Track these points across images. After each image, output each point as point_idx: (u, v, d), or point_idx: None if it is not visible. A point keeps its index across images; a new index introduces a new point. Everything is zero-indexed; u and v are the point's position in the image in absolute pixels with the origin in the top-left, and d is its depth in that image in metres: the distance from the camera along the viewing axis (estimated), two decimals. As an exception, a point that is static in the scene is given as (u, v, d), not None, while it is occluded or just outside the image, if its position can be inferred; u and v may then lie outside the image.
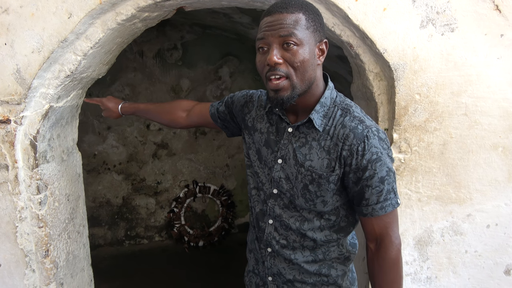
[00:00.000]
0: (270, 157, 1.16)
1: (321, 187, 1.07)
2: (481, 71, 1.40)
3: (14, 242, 1.48)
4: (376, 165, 1.02)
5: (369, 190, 1.04)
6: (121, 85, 3.71)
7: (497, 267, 1.53)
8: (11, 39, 1.35)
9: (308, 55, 1.00)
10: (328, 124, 1.08)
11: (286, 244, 1.16)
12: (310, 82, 1.05)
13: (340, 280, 1.19)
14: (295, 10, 1.00)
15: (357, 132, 1.03)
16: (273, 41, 0.99)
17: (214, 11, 2.67)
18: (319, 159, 1.07)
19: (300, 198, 1.11)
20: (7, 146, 1.42)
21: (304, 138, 1.10)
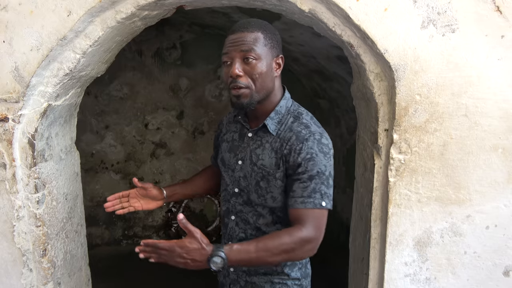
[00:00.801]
0: (232, 160, 1.33)
1: (269, 183, 1.23)
2: (481, 72, 1.39)
3: (12, 241, 1.47)
4: (308, 163, 1.16)
5: (296, 184, 1.17)
6: (119, 84, 3.69)
7: (496, 268, 1.53)
8: (9, 36, 1.34)
9: (266, 68, 1.19)
10: (280, 129, 1.25)
11: (244, 237, 1.31)
12: (268, 91, 1.23)
13: (288, 270, 1.32)
14: (255, 29, 1.18)
15: (300, 135, 1.20)
16: (235, 56, 1.17)
17: (214, 11, 2.66)
18: (269, 158, 1.23)
19: (253, 194, 1.27)
20: (5, 145, 1.41)
21: (259, 141, 1.27)
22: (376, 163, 1.54)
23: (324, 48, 2.64)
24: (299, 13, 1.48)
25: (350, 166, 3.33)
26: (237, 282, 1.39)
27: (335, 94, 3.39)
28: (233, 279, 1.40)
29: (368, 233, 1.62)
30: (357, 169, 1.84)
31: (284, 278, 1.33)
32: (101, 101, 3.69)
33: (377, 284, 1.60)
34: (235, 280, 1.40)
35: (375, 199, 1.56)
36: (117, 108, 3.74)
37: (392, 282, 1.54)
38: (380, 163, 1.53)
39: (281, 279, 1.33)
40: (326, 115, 3.81)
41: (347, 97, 3.10)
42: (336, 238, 3.64)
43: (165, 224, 3.93)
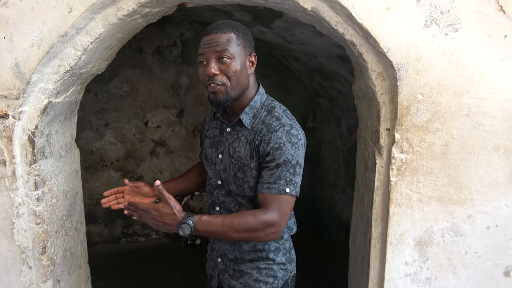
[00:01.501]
0: (214, 155, 1.42)
1: (245, 173, 1.30)
2: (484, 72, 1.39)
3: (11, 239, 1.47)
4: (276, 152, 1.23)
5: (265, 171, 1.25)
6: (119, 82, 3.69)
7: (496, 268, 1.53)
8: (10, 32, 1.33)
9: (240, 67, 1.26)
10: (255, 123, 1.32)
11: None
12: (243, 88, 1.30)
13: (273, 255, 1.40)
14: (228, 30, 1.25)
15: (270, 127, 1.27)
16: (211, 56, 1.24)
17: (215, 9, 2.65)
18: (244, 150, 1.30)
19: (232, 185, 1.34)
20: (5, 141, 1.40)
21: (236, 134, 1.35)
22: (377, 162, 1.53)
23: (325, 47, 2.63)
24: (302, 11, 1.47)
25: (350, 165, 3.33)
26: (225, 271, 1.45)
27: (336, 93, 3.38)
28: (221, 269, 1.46)
29: (369, 233, 1.61)
30: (358, 168, 1.83)
31: (270, 263, 1.40)
32: (101, 98, 3.68)
33: (378, 283, 1.60)
34: (223, 270, 1.46)
35: (376, 199, 1.56)
36: (117, 105, 3.73)
37: (393, 282, 1.54)
38: (382, 162, 1.53)
39: (267, 264, 1.40)
40: (327, 114, 3.80)
41: (347, 96, 3.09)
42: (336, 238, 3.64)
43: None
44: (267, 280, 1.40)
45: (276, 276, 1.41)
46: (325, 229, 3.88)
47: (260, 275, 1.39)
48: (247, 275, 1.40)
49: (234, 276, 1.42)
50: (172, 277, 3.20)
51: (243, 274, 1.41)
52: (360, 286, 1.75)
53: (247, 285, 1.39)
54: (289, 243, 1.47)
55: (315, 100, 3.96)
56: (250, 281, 1.39)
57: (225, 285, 1.46)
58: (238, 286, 1.41)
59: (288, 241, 1.46)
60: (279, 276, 1.41)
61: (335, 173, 3.68)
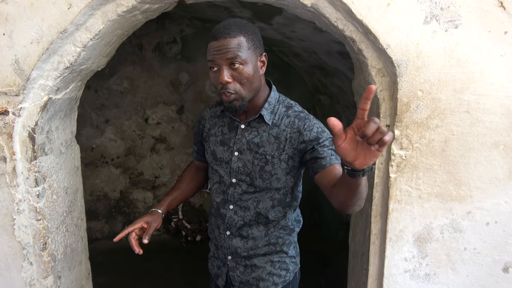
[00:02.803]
0: (226, 153, 1.39)
1: (274, 166, 1.31)
2: (484, 68, 1.39)
3: (12, 235, 1.47)
4: (323, 134, 1.27)
5: (324, 149, 1.24)
6: (119, 78, 3.68)
7: (495, 264, 1.54)
8: (9, 29, 1.33)
9: (252, 71, 1.23)
10: (275, 118, 1.33)
11: (243, 223, 1.39)
12: (256, 90, 1.29)
13: (286, 248, 1.43)
14: (237, 34, 1.20)
15: (300, 116, 1.31)
16: (222, 63, 1.20)
17: (215, 5, 2.64)
18: (269, 144, 1.31)
19: (258, 179, 1.34)
20: (5, 138, 1.40)
21: (256, 131, 1.34)
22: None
23: (325, 44, 2.63)
24: (301, 7, 1.47)
25: (350, 162, 3.32)
26: (236, 268, 1.44)
27: (336, 90, 3.38)
28: (232, 266, 1.45)
29: (368, 229, 1.62)
30: (358, 165, 1.83)
31: (283, 256, 1.43)
32: (101, 95, 3.68)
33: (377, 279, 1.61)
34: (233, 267, 1.45)
35: (376, 195, 1.56)
36: (117, 102, 3.73)
37: (392, 278, 1.55)
38: (381, 159, 1.53)
39: (280, 257, 1.42)
40: (327, 111, 3.80)
41: (347, 93, 3.09)
42: (336, 234, 3.65)
43: (165, 219, 3.94)
44: (281, 273, 1.42)
45: (288, 269, 1.44)
46: (325, 226, 3.88)
47: (273, 268, 1.41)
48: (261, 269, 1.41)
49: (245, 272, 1.43)
50: (172, 273, 3.21)
51: (256, 268, 1.41)
52: (360, 282, 1.75)
53: (260, 279, 1.41)
54: (296, 236, 1.50)
55: (315, 97, 3.95)
56: (264, 275, 1.41)
57: (236, 282, 1.45)
58: (252, 280, 1.42)
59: (296, 234, 1.49)
60: (291, 269, 1.44)
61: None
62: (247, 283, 1.43)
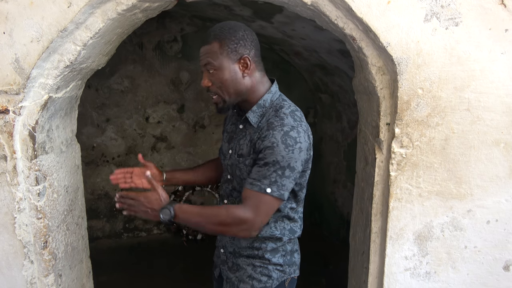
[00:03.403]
0: (226, 150, 1.43)
1: (241, 170, 1.31)
2: (484, 66, 1.38)
3: (13, 233, 1.48)
4: (267, 151, 1.20)
5: (255, 167, 1.24)
6: (120, 77, 3.68)
7: (496, 263, 1.54)
8: (9, 28, 1.33)
9: (228, 75, 1.26)
10: (261, 122, 1.29)
11: None
12: (240, 93, 1.29)
13: (269, 255, 1.37)
14: (211, 40, 1.26)
15: (271, 125, 1.24)
16: (203, 69, 1.30)
17: (215, 3, 2.64)
18: (246, 148, 1.31)
19: (235, 181, 1.36)
20: (6, 137, 1.40)
21: (245, 132, 1.35)
22: (377, 157, 1.53)
23: (326, 42, 2.62)
24: (302, 5, 1.47)
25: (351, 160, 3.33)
26: (225, 262, 1.47)
27: (337, 89, 3.38)
28: (223, 260, 1.48)
29: (369, 227, 1.62)
30: (358, 163, 1.84)
31: (265, 263, 1.38)
32: (101, 94, 3.69)
33: (377, 278, 1.61)
34: (224, 261, 1.48)
35: (376, 193, 1.56)
36: (117, 101, 3.74)
37: (392, 276, 1.55)
38: (382, 157, 1.53)
39: (262, 263, 1.39)
40: (328, 110, 3.80)
41: (348, 91, 3.09)
42: (337, 233, 3.65)
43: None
44: (261, 278, 1.37)
45: (270, 275, 1.38)
46: (326, 225, 3.88)
47: (254, 272, 1.38)
48: (243, 270, 1.40)
49: (232, 268, 1.44)
50: (173, 271, 3.22)
51: (239, 268, 1.42)
52: (360, 280, 1.75)
53: (242, 280, 1.40)
54: (291, 246, 1.42)
55: (316, 95, 3.95)
56: (245, 277, 1.39)
57: (224, 276, 1.48)
58: (234, 279, 1.42)
59: (290, 244, 1.42)
60: (274, 276, 1.38)
61: (336, 168, 3.68)
62: (230, 281, 1.43)
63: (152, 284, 3.04)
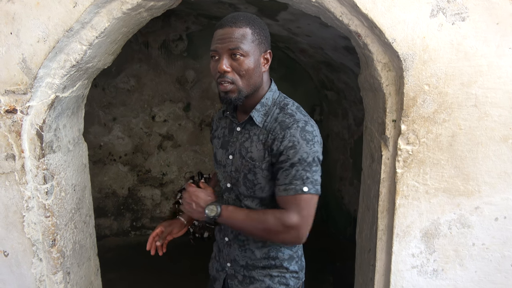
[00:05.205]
0: (224, 156, 1.34)
1: (256, 175, 1.24)
2: (492, 61, 1.37)
3: (21, 232, 1.50)
4: (290, 151, 1.16)
5: (280, 172, 1.18)
6: (126, 76, 3.70)
7: (504, 260, 1.52)
8: (16, 28, 1.34)
9: (253, 65, 1.19)
10: (267, 121, 1.25)
11: (238, 232, 1.32)
12: (255, 86, 1.23)
13: (287, 263, 1.33)
14: (243, 25, 1.18)
15: (283, 124, 1.20)
16: (223, 52, 1.18)
17: (220, 1, 2.64)
18: (257, 150, 1.24)
19: (242, 187, 1.28)
20: (14, 136, 1.42)
21: (247, 134, 1.28)
22: (383, 154, 1.52)
23: (331, 39, 2.61)
24: (306, 2, 1.46)
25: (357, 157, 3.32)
26: (234, 277, 1.38)
27: (343, 86, 3.36)
28: (230, 274, 1.39)
29: (375, 225, 1.61)
30: (364, 161, 1.83)
31: (283, 272, 1.33)
32: (108, 93, 3.71)
33: (384, 275, 1.60)
34: (232, 275, 1.39)
35: (382, 191, 1.55)
36: (124, 100, 3.76)
37: (399, 274, 1.54)
38: (388, 154, 1.52)
39: (280, 272, 1.33)
40: (334, 107, 3.78)
41: (354, 88, 3.07)
42: (343, 230, 3.64)
43: (173, 215, 3.97)
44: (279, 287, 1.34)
45: (288, 284, 1.34)
46: (333, 222, 3.87)
47: (272, 282, 1.33)
48: (259, 282, 1.33)
49: (243, 282, 1.36)
50: (180, 269, 3.23)
51: (254, 281, 1.34)
52: (367, 278, 1.75)
53: None
54: (301, 250, 1.41)
55: (322, 93, 3.93)
56: None
57: None
58: None
59: (300, 248, 1.40)
60: (291, 284, 1.34)
61: (342, 165, 3.67)
62: None
63: (159, 281, 3.06)
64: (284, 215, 1.16)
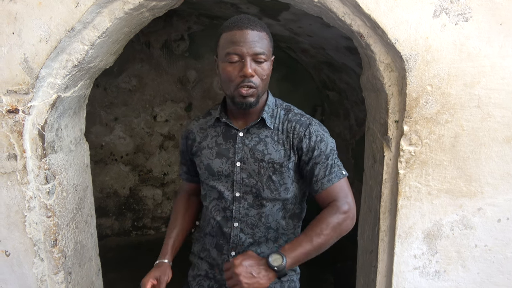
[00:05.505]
0: (226, 165, 1.27)
1: (283, 175, 1.23)
2: (495, 62, 1.36)
3: (23, 231, 1.50)
4: (321, 144, 1.23)
5: (317, 167, 1.21)
6: (128, 76, 3.70)
7: (507, 261, 1.52)
8: (18, 28, 1.34)
9: (269, 69, 1.21)
10: (275, 122, 1.27)
11: (252, 241, 1.27)
12: (266, 90, 1.27)
13: None
14: (262, 29, 1.17)
15: (301, 122, 1.25)
16: (246, 55, 1.14)
17: (222, 1, 2.64)
18: (276, 151, 1.23)
19: (266, 190, 1.24)
20: (16, 136, 1.42)
21: (257, 137, 1.26)
22: (385, 155, 1.52)
23: (333, 39, 2.61)
24: (308, 2, 1.46)
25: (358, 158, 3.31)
26: None
27: (344, 86, 3.35)
28: None
29: (377, 226, 1.60)
30: (366, 161, 1.82)
31: (292, 275, 1.32)
32: (110, 93, 3.71)
33: (386, 276, 1.59)
34: None
35: (384, 192, 1.55)
36: (126, 100, 3.76)
37: (401, 275, 1.54)
38: (390, 155, 1.51)
39: (289, 276, 1.31)
40: (335, 107, 3.77)
41: (356, 88, 3.06)
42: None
43: (174, 216, 3.97)
44: None
45: (296, 286, 1.34)
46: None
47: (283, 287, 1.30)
48: None
49: None
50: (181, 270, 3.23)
51: None
52: (369, 279, 1.74)
53: None
54: None
55: (324, 93, 3.93)
56: None
57: None
58: None
59: None
60: (297, 283, 1.34)
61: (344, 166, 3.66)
62: None
63: (160, 281, 3.06)
64: (339, 205, 1.18)
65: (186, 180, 1.51)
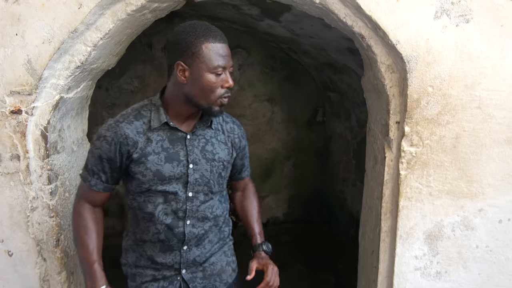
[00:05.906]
0: (177, 168, 1.28)
1: (228, 169, 1.41)
2: (496, 63, 1.37)
3: (26, 232, 1.50)
4: (246, 142, 1.49)
5: (246, 159, 1.52)
6: (130, 77, 3.71)
7: (508, 262, 1.52)
8: (22, 29, 1.35)
9: None
10: (215, 123, 1.37)
11: (203, 233, 1.37)
12: None
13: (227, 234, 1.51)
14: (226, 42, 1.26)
15: (235, 122, 1.45)
16: (228, 68, 1.22)
17: (223, 3, 2.64)
18: (222, 150, 1.36)
19: (216, 186, 1.37)
20: (19, 137, 1.43)
21: (203, 138, 1.33)
22: (387, 155, 1.52)
23: (334, 40, 2.61)
24: (310, 3, 1.46)
25: (360, 159, 3.31)
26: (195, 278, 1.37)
27: (346, 87, 3.36)
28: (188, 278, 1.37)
29: (378, 226, 1.61)
30: (368, 162, 1.83)
31: (230, 244, 1.52)
32: (112, 94, 3.72)
33: (387, 277, 1.60)
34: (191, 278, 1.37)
35: (386, 192, 1.55)
36: (128, 101, 3.77)
37: (402, 276, 1.54)
38: (391, 155, 1.52)
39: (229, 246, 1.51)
40: (337, 108, 3.78)
41: (357, 89, 3.07)
42: (346, 232, 3.63)
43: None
44: (233, 258, 1.51)
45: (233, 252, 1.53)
46: (335, 223, 3.87)
47: (227, 257, 1.47)
48: (219, 264, 1.43)
49: (205, 275, 1.39)
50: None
51: (215, 265, 1.41)
52: (370, 279, 1.75)
53: (222, 272, 1.43)
54: None
55: (325, 94, 3.93)
56: (224, 267, 1.45)
57: None
58: (213, 279, 1.41)
59: None
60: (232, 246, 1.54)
61: (345, 167, 3.67)
62: (208, 284, 1.40)
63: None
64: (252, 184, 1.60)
65: (103, 190, 1.33)
